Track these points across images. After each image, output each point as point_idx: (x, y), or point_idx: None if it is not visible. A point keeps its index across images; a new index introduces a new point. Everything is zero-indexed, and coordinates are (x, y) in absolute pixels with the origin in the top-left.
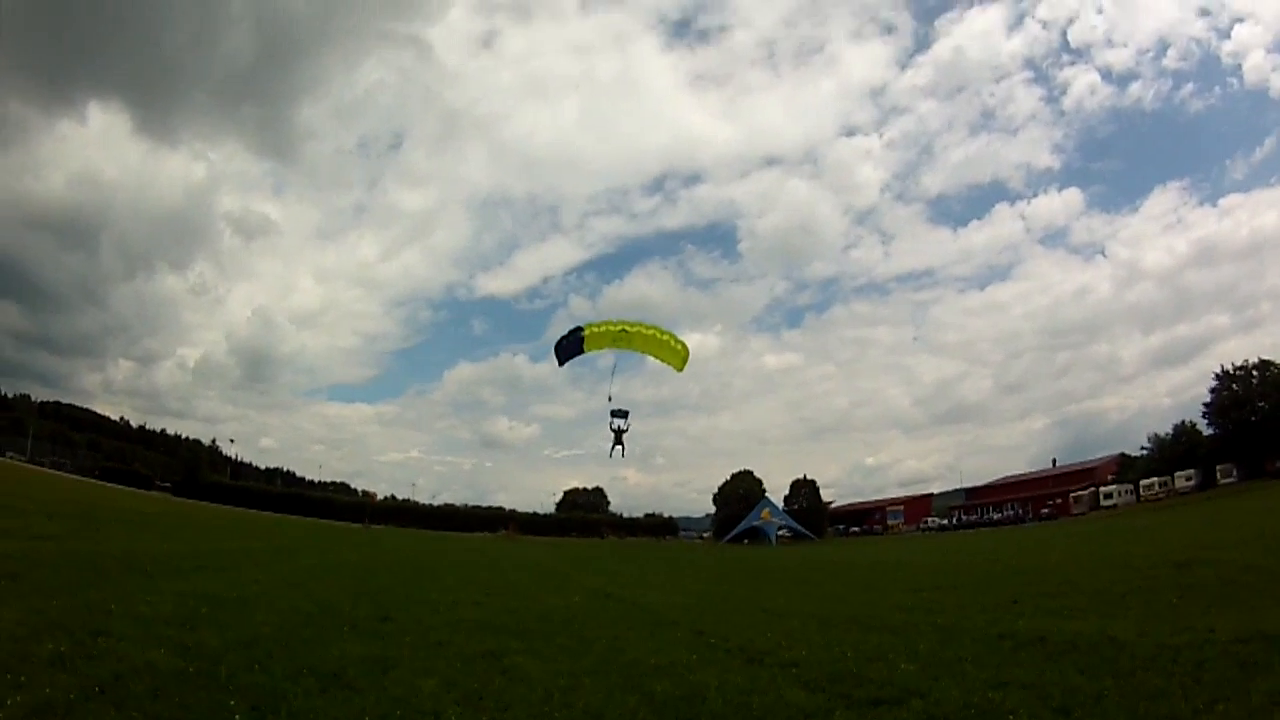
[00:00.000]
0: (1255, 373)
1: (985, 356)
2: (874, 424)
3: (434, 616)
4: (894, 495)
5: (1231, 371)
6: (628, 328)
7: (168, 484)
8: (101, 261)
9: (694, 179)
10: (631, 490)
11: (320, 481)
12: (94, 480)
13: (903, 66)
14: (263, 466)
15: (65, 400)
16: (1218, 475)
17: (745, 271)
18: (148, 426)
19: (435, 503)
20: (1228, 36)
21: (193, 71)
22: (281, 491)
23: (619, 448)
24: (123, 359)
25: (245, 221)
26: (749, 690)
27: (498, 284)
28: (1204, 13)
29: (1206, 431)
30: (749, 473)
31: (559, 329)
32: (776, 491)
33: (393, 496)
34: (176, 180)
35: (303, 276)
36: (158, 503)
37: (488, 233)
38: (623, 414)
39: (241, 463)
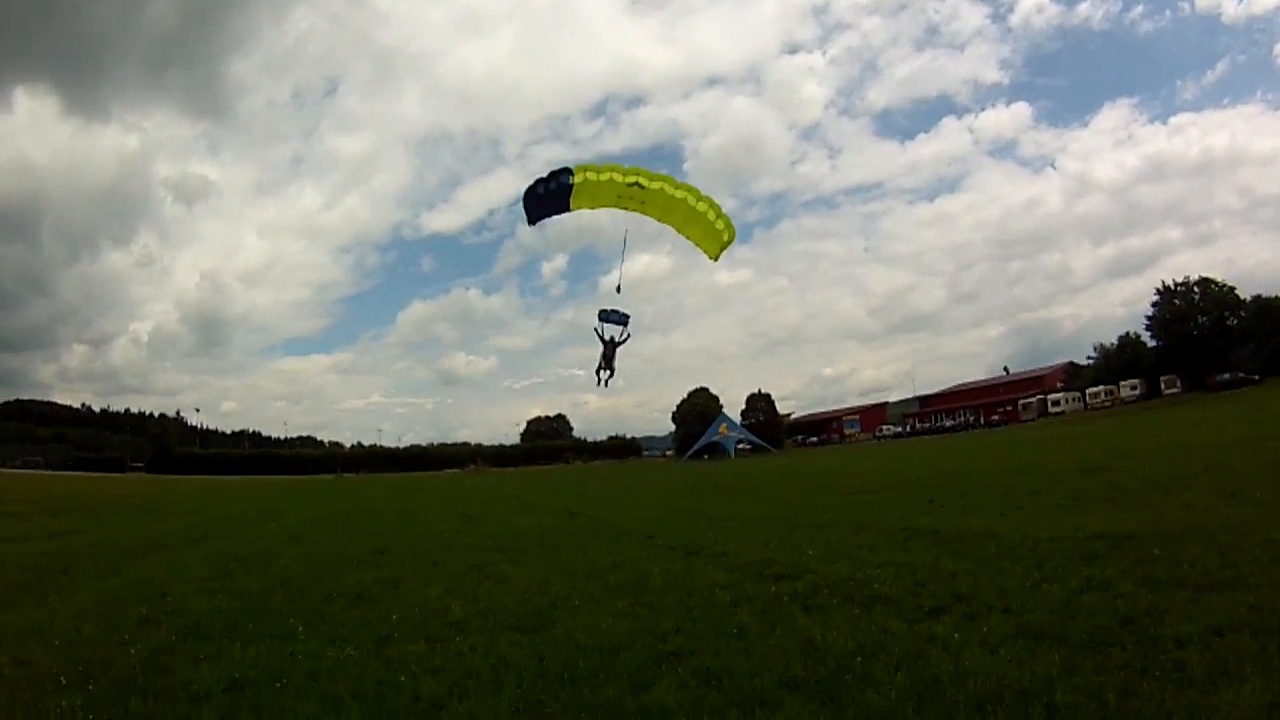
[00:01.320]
0: (1196, 289)
1: (937, 266)
2: (829, 335)
3: (424, 545)
4: (853, 404)
5: (1173, 287)
6: (643, 181)
7: (140, 464)
8: (43, 249)
9: (636, 101)
10: (593, 414)
11: (287, 438)
12: (71, 473)
13: None
14: (229, 431)
15: (25, 397)
16: (1162, 386)
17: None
18: (110, 409)
19: (402, 445)
20: None
21: (118, 43)
22: (252, 454)
23: (605, 373)
24: (76, 344)
25: (184, 186)
26: (683, 574)
27: (443, 220)
28: None
29: (1151, 344)
30: (705, 390)
31: (509, 260)
32: (734, 406)
33: (360, 444)
34: (111, 154)
35: (247, 235)
36: (139, 484)
37: (429, 170)
38: (621, 317)
39: (208, 430)
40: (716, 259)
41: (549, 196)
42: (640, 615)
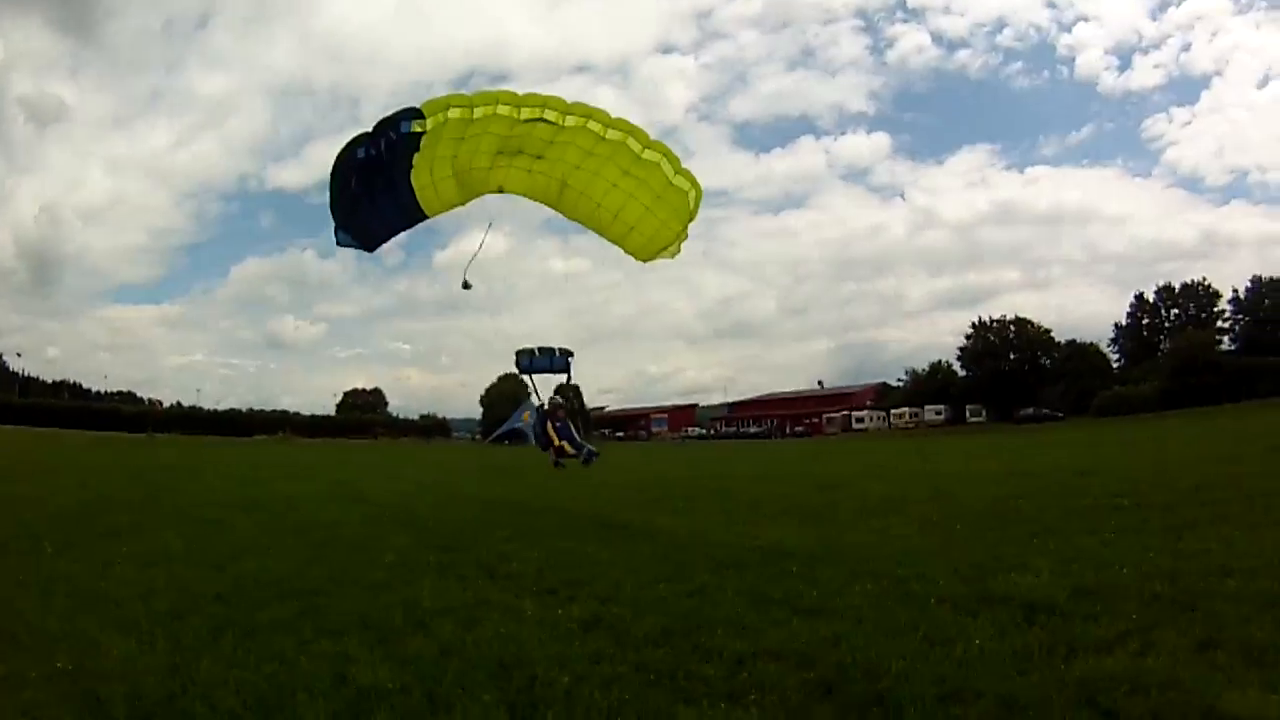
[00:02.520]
0: (1012, 327)
1: (772, 278)
2: (658, 334)
3: (186, 500)
4: (673, 403)
5: (989, 323)
6: (552, 115)
7: None
8: None
9: (500, 78)
10: (414, 390)
11: (106, 392)
12: None
13: None
14: (50, 380)
15: None
16: (967, 414)
17: None
18: None
19: (220, 408)
20: (1068, 31)
21: None
22: (68, 406)
23: (558, 456)
24: None
25: (39, 106)
26: (373, 538)
27: (289, 176)
28: (1050, 4)
29: (962, 374)
30: (514, 375)
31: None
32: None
33: (179, 404)
34: None
35: (93, 168)
36: None
37: (285, 123)
38: (561, 362)
39: (29, 378)
40: (676, 248)
41: (374, 169)
42: (308, 562)
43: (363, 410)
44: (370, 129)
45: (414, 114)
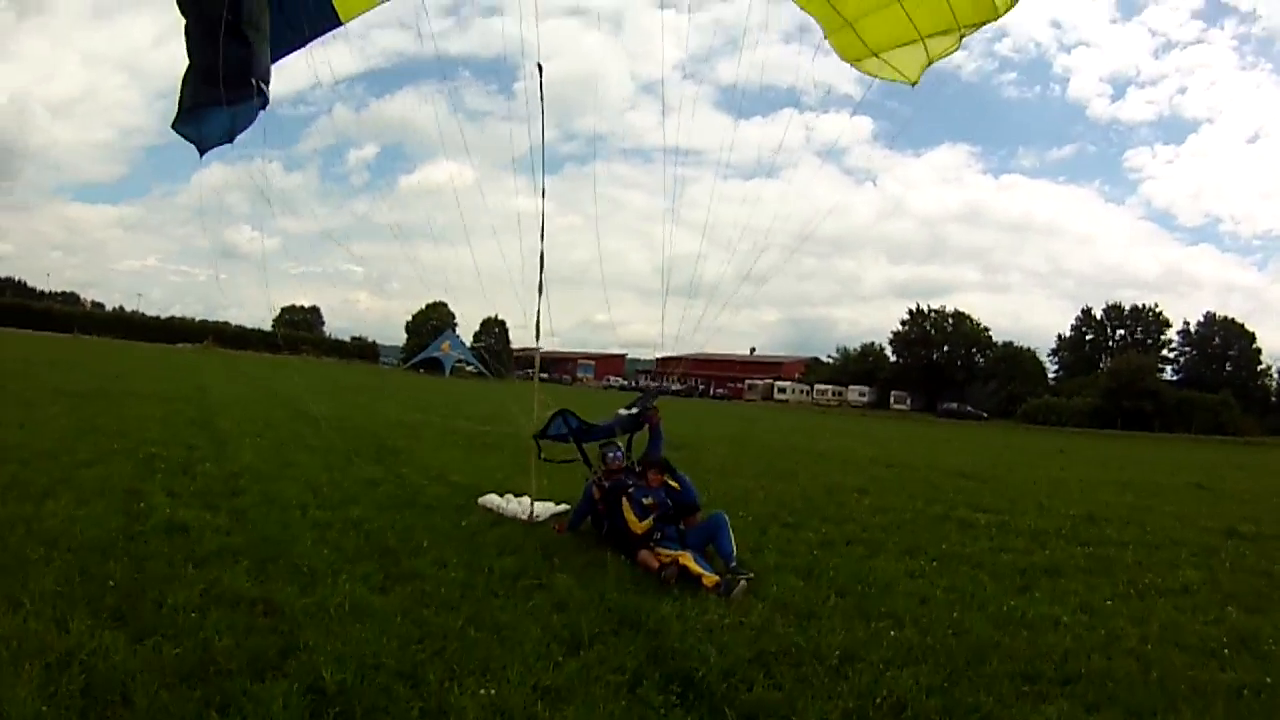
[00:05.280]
0: (950, 320)
1: (732, 242)
2: (610, 283)
3: (37, 384)
4: (614, 353)
5: (926, 312)
6: None
7: None
8: None
9: (492, 10)
10: (362, 314)
11: (50, 292)
12: None
13: None
14: None
15: None
16: (891, 399)
17: (517, 111)
18: None
19: (163, 316)
20: (1068, 52)
21: None
22: (7, 303)
23: (674, 562)
24: None
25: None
26: (161, 428)
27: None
28: (1055, 25)
29: (894, 359)
30: (443, 304)
31: (317, 139)
32: (470, 328)
33: (121, 308)
34: None
35: (69, 60)
36: None
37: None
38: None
39: None
40: (922, 60)
41: None
42: (59, 439)
43: (295, 327)
44: None
45: None
